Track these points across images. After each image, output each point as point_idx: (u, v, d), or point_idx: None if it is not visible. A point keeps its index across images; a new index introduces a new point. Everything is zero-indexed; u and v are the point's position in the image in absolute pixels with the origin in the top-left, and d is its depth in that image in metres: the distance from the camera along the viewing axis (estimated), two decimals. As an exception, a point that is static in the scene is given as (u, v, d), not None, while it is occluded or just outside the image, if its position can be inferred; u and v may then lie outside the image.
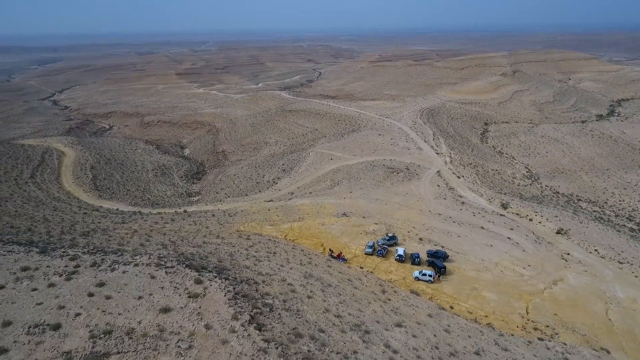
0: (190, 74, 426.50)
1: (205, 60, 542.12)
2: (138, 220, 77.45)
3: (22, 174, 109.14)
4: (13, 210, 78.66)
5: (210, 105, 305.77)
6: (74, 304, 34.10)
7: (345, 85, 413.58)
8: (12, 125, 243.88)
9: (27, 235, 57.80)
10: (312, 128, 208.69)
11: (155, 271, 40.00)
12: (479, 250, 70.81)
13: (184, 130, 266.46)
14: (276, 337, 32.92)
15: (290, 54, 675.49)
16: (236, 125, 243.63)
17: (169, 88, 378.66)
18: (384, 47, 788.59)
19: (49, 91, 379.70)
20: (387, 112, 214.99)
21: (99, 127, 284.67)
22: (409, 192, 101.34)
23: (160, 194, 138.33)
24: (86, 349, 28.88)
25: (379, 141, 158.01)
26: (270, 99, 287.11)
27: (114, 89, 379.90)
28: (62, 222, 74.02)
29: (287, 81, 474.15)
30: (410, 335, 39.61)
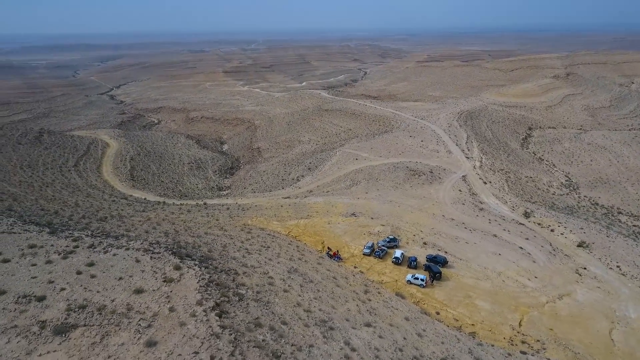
0: (237, 72, 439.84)
1: (253, 58, 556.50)
2: (157, 210, 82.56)
3: (67, 162, 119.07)
4: (51, 194, 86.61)
5: (252, 102, 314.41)
6: (62, 280, 37.91)
7: (389, 86, 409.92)
8: (71, 117, 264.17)
9: (51, 217, 63.87)
10: (346, 128, 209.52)
11: (141, 256, 43.29)
12: (484, 258, 68.92)
13: (225, 127, 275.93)
14: (234, 325, 34.82)
15: (337, 53, 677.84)
16: (273, 123, 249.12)
17: (216, 85, 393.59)
18: (434, 47, 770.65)
19: (107, 86, 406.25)
20: (423, 114, 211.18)
21: (148, 121, 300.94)
22: (426, 196, 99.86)
23: (192, 186, 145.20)
24: (59, 320, 32.28)
25: (408, 143, 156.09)
26: (309, 98, 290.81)
27: (166, 85, 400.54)
28: (90, 207, 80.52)
29: (331, 80, 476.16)
30: (377, 336, 40.07)
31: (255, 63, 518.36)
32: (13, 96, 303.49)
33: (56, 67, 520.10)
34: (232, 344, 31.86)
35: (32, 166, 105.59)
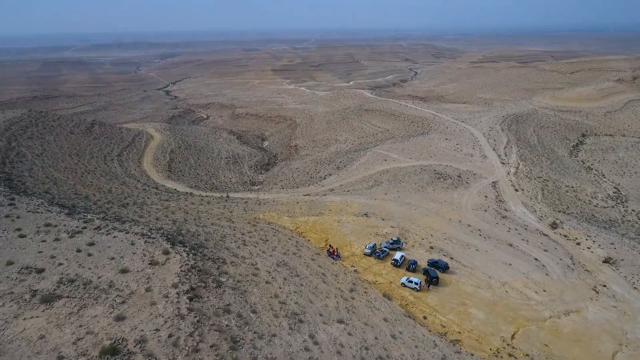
0: (285, 70, 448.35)
1: (303, 57, 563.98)
2: (180, 200, 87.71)
3: (112, 152, 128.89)
4: (89, 181, 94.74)
5: (296, 101, 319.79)
6: (62, 256, 42.30)
7: (438, 87, 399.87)
8: (128, 110, 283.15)
9: (79, 200, 70.31)
10: (383, 128, 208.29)
11: (137, 239, 47.02)
12: (492, 267, 66.76)
13: (267, 124, 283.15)
14: (203, 309, 37.22)
15: (388, 53, 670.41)
16: (313, 122, 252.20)
17: (264, 83, 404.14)
18: (491, 47, 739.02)
19: (164, 82, 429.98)
20: (465, 116, 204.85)
21: (197, 116, 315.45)
22: (448, 200, 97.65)
23: (225, 180, 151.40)
24: (49, 290, 36.31)
25: (442, 145, 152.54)
26: (351, 97, 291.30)
27: (217, 82, 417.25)
28: (121, 194, 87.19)
29: (379, 80, 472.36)
30: (346, 333, 40.86)
31: (304, 62, 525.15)
32: (79, 89, 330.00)
33: (120, 63, 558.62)
34: (194, 326, 34.20)
35: (79, 154, 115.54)
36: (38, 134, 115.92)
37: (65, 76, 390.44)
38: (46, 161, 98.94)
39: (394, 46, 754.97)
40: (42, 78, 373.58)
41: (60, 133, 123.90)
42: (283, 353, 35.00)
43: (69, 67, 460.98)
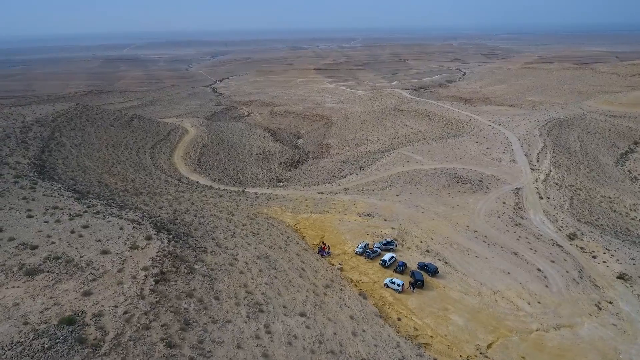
0: (328, 69, 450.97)
1: (347, 56, 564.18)
2: (195, 192, 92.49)
3: (146, 145, 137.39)
4: (117, 171, 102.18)
5: (334, 100, 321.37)
6: (57, 236, 46.99)
7: (484, 88, 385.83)
8: (174, 106, 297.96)
9: (97, 187, 76.51)
10: (416, 130, 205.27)
11: (127, 225, 51.03)
12: (487, 274, 65.03)
13: (304, 122, 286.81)
14: (166, 291, 40.14)
15: (436, 53, 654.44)
16: (348, 121, 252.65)
17: (306, 82, 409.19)
18: (550, 47, 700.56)
19: (212, 79, 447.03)
20: (503, 119, 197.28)
21: (239, 113, 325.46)
22: (461, 204, 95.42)
23: (252, 175, 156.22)
24: (34, 265, 40.75)
25: (471, 149, 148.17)
26: (389, 97, 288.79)
27: (261, 80, 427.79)
28: (143, 184, 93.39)
29: (425, 80, 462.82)
30: (304, 326, 42.23)
31: (349, 61, 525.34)
32: (133, 85, 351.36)
33: (174, 61, 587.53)
34: (151, 306, 37.13)
35: (115, 146, 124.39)
36: (80, 126, 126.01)
37: (122, 72, 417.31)
38: (82, 151, 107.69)
39: (444, 45, 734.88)
40: (101, 74, 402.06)
41: (101, 125, 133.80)
42: (232, 338, 37.06)
43: (126, 64, 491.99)
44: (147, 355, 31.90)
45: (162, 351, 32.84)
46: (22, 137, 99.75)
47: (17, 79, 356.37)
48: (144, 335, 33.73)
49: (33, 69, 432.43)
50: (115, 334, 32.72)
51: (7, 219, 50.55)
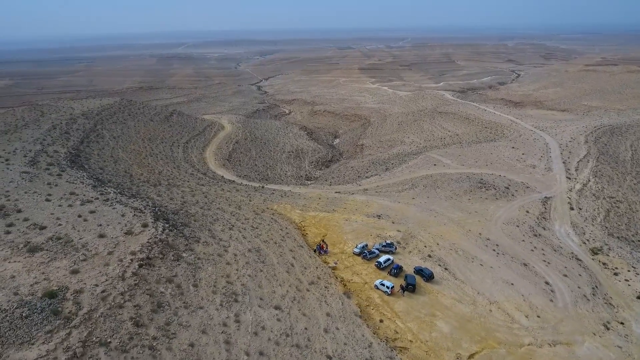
0: (372, 69, 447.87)
1: (394, 56, 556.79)
2: (214, 185, 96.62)
3: (181, 139, 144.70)
4: (147, 162, 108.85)
5: (375, 100, 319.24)
6: (65, 219, 51.69)
7: (537, 91, 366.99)
8: (218, 103, 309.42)
9: (120, 177, 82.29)
10: (453, 132, 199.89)
11: (129, 212, 54.96)
12: (488, 284, 62.99)
13: (342, 122, 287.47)
14: (147, 275, 43.15)
15: (489, 53, 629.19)
16: (386, 122, 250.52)
17: (349, 82, 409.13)
18: (617, 48, 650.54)
19: (258, 78, 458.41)
20: (547, 124, 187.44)
21: (280, 111, 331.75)
22: (479, 211, 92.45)
23: (281, 172, 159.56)
24: (38, 243, 45.28)
25: (505, 154, 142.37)
26: (430, 98, 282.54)
27: (305, 79, 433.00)
28: (169, 176, 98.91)
29: (474, 82, 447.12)
30: (275, 319, 43.67)
31: (395, 61, 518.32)
32: (183, 82, 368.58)
33: (224, 59, 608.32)
34: (129, 287, 40.20)
35: (151, 139, 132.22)
36: (122, 119, 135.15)
37: (174, 70, 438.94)
38: (119, 143, 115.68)
39: (498, 46, 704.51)
40: (155, 71, 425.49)
41: (141, 120, 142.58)
42: (199, 324, 39.27)
43: (179, 62, 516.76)
44: (113, 331, 34.76)
45: (129, 329, 35.60)
46: (66, 128, 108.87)
47: (80, 75, 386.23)
48: (116, 313, 36.69)
49: (95, 66, 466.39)
50: (88, 310, 35.91)
51: (28, 202, 56.22)
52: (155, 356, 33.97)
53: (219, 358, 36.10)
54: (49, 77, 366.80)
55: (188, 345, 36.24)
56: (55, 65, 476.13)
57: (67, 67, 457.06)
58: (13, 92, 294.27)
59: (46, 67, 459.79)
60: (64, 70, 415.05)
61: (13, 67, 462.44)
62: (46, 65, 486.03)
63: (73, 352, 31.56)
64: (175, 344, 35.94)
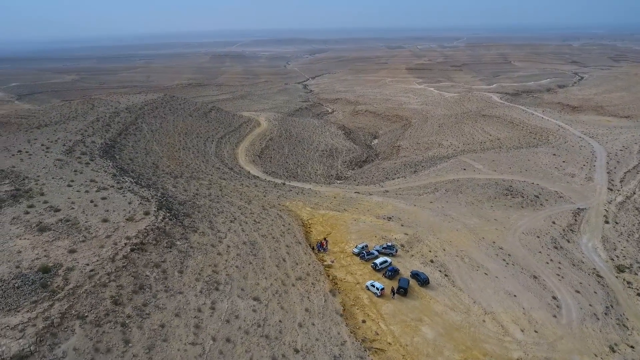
0: (420, 69, 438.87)
1: (446, 56, 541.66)
2: (235, 180, 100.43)
3: (216, 134, 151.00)
4: (177, 155, 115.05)
5: (419, 101, 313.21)
6: (78, 204, 56.71)
7: (599, 95, 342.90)
8: (262, 100, 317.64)
9: (145, 168, 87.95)
10: (494, 137, 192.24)
11: (136, 200, 59.14)
12: (488, 294, 60.90)
13: (383, 122, 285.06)
14: (137, 259, 46.53)
15: (550, 54, 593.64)
16: (426, 124, 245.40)
17: (395, 82, 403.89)
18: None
19: (305, 76, 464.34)
20: (599, 131, 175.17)
21: (323, 110, 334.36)
22: (499, 219, 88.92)
23: (311, 171, 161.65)
24: (48, 224, 50.20)
25: (543, 161, 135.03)
26: (476, 100, 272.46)
27: (351, 78, 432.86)
28: (195, 168, 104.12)
29: (530, 84, 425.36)
30: (251, 309, 45.44)
31: (446, 61, 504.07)
32: (232, 80, 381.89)
33: (274, 58, 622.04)
34: (116, 268, 43.70)
35: (187, 133, 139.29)
36: (162, 114, 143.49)
37: (225, 68, 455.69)
38: (155, 136, 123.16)
39: (561, 46, 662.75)
40: (207, 69, 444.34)
41: (180, 115, 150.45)
42: (175, 307, 41.92)
43: (231, 60, 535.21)
44: (92, 306, 38.17)
45: (107, 306, 38.89)
46: (108, 121, 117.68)
47: (138, 71, 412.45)
48: (98, 291, 40.16)
49: (153, 63, 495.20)
50: (74, 286, 39.63)
51: (52, 186, 62.18)
52: (125, 332, 36.90)
53: (186, 340, 38.43)
54: (111, 73, 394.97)
55: (159, 325, 38.91)
56: (117, 62, 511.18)
57: (128, 64, 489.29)
58: (77, 86, 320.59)
59: (109, 63, 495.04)
60: (125, 67, 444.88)
61: (81, 63, 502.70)
62: (110, 62, 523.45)
63: (51, 321, 35.17)
64: (147, 323, 38.74)
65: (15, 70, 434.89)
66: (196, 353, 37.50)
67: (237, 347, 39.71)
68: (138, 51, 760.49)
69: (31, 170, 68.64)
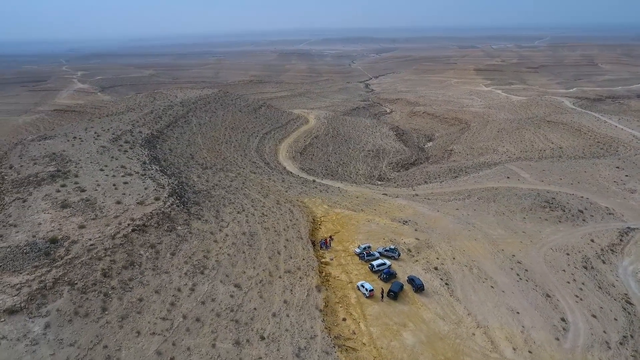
0: (490, 70, 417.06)
1: (522, 57, 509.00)
2: (264, 174, 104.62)
3: (261, 130, 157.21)
4: (217, 148, 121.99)
5: (482, 104, 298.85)
6: (102, 186, 63.60)
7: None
8: (320, 99, 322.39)
9: (181, 158, 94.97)
10: (556, 145, 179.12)
11: (152, 186, 64.75)
12: (487, 308, 58.22)
13: (441, 125, 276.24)
14: (135, 238, 51.47)
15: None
16: (485, 128, 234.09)
17: (461, 83, 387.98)
18: None
19: (368, 75, 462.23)
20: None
21: (381, 110, 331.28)
22: (528, 232, 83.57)
23: (353, 170, 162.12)
24: (71, 202, 57.06)
25: (602, 174, 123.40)
26: (545, 105, 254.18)
27: (415, 78, 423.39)
28: (231, 161, 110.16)
29: (618, 89, 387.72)
30: (229, 295, 48.23)
31: (520, 62, 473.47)
32: (294, 78, 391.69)
33: (339, 56, 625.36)
34: (114, 245, 48.88)
35: (234, 128, 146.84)
36: (213, 109, 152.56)
37: (290, 65, 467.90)
38: (201, 129, 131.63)
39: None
40: (273, 66, 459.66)
41: (230, 110, 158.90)
42: (158, 285, 45.97)
43: (297, 58, 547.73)
44: (83, 276, 43.32)
45: (97, 277, 43.87)
46: (161, 113, 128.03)
47: (209, 68, 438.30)
48: (93, 263, 45.36)
49: (224, 60, 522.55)
50: (72, 256, 45.17)
51: (87, 170, 70.13)
52: (105, 301, 41.47)
53: (158, 315, 42.18)
54: (184, 69, 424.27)
55: (137, 299, 43.09)
56: (191, 59, 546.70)
57: (201, 60, 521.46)
58: (153, 80, 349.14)
59: (184, 60, 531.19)
60: (197, 64, 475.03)
61: (158, 59, 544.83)
62: (185, 58, 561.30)
63: (44, 284, 40.66)
64: (127, 296, 43.10)
65: (102, 64, 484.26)
66: (164, 327, 41.03)
67: (204, 327, 42.67)
68: (212, 48, 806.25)
69: (76, 154, 77.86)
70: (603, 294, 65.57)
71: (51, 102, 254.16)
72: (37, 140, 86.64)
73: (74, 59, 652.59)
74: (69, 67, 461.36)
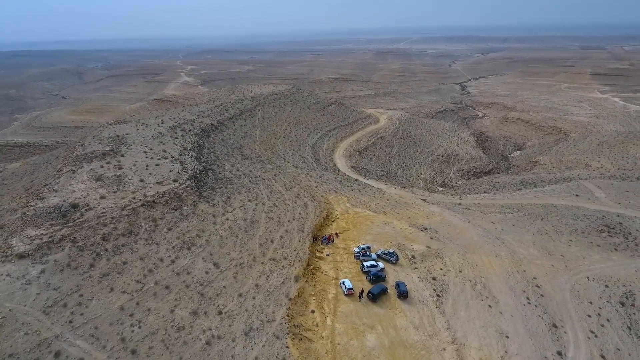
0: (611, 75, 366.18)
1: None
2: (305, 170, 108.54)
3: (325, 127, 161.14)
4: (272, 142, 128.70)
5: (590, 113, 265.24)
6: (136, 166, 73.54)
7: None
8: (405, 99, 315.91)
9: (227, 148, 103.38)
10: None
11: (177, 168, 72.66)
12: (474, 326, 54.58)
13: (535, 133, 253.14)
14: (141, 212, 59.15)
15: None
16: (585, 139, 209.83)
17: (572, 89, 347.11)
18: None
19: (467, 77, 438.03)
20: None
21: (472, 113, 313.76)
22: (567, 256, 74.56)
23: (414, 174, 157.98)
24: (105, 177, 67.32)
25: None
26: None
27: (518, 82, 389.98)
28: (280, 154, 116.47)
29: None
30: (204, 271, 53.07)
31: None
32: (384, 77, 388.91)
33: (439, 56, 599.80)
34: (121, 216, 57.02)
35: (297, 124, 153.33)
36: (281, 104, 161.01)
37: (384, 64, 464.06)
38: (263, 123, 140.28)
39: None
40: (366, 64, 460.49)
41: (297, 106, 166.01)
42: (144, 253, 52.75)
43: (393, 57, 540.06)
44: (85, 237, 51.82)
45: (96, 239, 52.11)
46: (228, 106, 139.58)
47: (304, 65, 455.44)
48: (98, 227, 53.82)
49: (320, 58, 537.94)
50: (83, 220, 54.12)
51: (134, 151, 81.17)
52: (94, 260, 49.23)
53: (134, 277, 48.70)
54: (280, 66, 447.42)
55: (122, 262, 50.20)
56: (290, 56, 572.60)
57: (298, 58, 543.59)
58: (249, 76, 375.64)
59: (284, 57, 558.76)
60: (293, 61, 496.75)
61: (260, 56, 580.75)
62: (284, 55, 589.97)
63: (52, 239, 49.79)
64: (114, 258, 50.47)
65: (212, 60, 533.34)
66: (135, 288, 47.37)
67: (170, 295, 48.11)
68: (313, 46, 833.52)
69: (134, 137, 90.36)
70: (628, 336, 56.47)
71: (160, 93, 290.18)
72: (114, 124, 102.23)
73: (190, 54, 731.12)
74: (183, 62, 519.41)
